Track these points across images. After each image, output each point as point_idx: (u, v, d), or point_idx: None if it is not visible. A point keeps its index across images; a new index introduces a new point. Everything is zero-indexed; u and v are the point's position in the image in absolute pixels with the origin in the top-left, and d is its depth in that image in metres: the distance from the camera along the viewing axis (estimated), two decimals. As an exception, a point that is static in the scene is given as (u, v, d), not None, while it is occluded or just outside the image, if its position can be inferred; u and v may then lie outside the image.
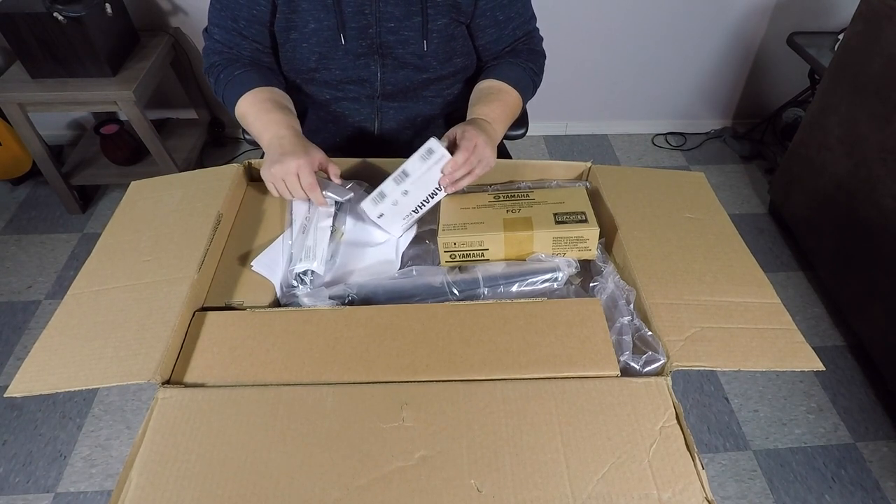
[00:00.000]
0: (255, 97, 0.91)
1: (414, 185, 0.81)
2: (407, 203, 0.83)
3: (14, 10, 1.58)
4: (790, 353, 0.67)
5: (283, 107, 0.92)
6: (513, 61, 1.01)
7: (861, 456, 1.43)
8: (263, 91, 0.93)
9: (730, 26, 2.12)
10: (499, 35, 1.00)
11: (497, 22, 0.98)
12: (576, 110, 2.39)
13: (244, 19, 0.92)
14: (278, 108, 0.90)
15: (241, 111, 0.93)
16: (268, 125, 0.88)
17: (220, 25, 0.94)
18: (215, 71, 0.96)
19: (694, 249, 0.80)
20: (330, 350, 0.68)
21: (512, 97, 0.97)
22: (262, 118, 0.89)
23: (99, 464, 1.39)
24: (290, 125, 0.88)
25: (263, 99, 0.91)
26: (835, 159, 1.63)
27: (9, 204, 2.10)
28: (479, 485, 0.56)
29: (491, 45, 1.01)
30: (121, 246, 0.81)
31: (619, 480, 0.57)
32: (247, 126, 0.94)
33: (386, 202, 0.82)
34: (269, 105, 0.90)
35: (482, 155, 0.82)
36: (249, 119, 0.92)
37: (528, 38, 1.03)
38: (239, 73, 0.93)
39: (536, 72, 1.03)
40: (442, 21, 0.93)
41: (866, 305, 1.54)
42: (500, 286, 0.78)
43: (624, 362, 0.67)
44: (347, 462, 0.58)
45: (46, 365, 0.66)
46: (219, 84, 0.95)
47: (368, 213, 0.83)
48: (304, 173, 0.79)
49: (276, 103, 0.91)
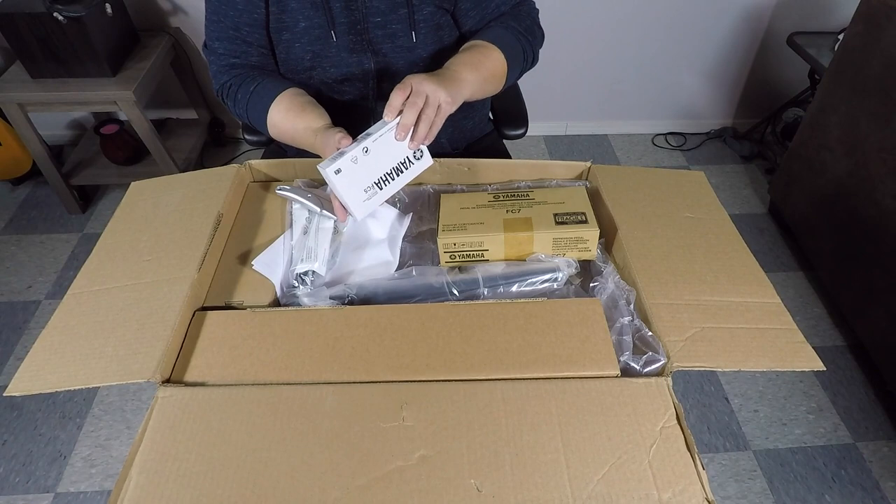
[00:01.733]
0: (279, 110, 0.90)
1: (376, 144, 0.75)
2: (370, 166, 0.76)
3: (14, 10, 1.58)
4: (791, 353, 0.67)
5: (303, 111, 0.89)
6: (497, 24, 0.95)
7: (861, 456, 1.42)
8: (283, 98, 0.91)
9: (730, 26, 2.12)
10: (482, 15, 0.96)
11: (478, 2, 0.95)
12: (576, 110, 2.39)
13: (246, 25, 0.91)
14: (300, 115, 0.88)
15: (274, 131, 0.93)
16: (301, 139, 0.88)
17: (221, 37, 0.93)
18: (231, 92, 0.94)
19: (694, 249, 0.80)
20: (330, 350, 0.68)
21: (487, 49, 0.90)
22: (297, 135, 0.89)
23: (99, 464, 1.39)
24: (311, 128, 0.86)
25: (288, 108, 0.90)
26: (835, 159, 1.63)
27: (9, 204, 2.10)
28: (478, 485, 0.56)
29: (475, 27, 0.97)
30: (121, 246, 0.81)
31: (620, 481, 0.57)
32: (287, 143, 0.94)
33: (345, 158, 0.74)
34: (292, 115, 0.89)
35: (421, 90, 0.74)
36: (287, 137, 0.92)
37: (515, 10, 0.98)
38: (255, 88, 0.92)
39: (523, 32, 0.95)
40: (427, 10, 0.92)
41: (866, 305, 1.54)
42: (499, 286, 0.78)
43: (624, 362, 0.67)
44: (347, 462, 0.58)
45: (46, 364, 0.66)
46: (238, 105, 0.94)
47: (324, 170, 0.74)
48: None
49: (297, 111, 0.89)
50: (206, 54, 0.97)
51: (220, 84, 0.96)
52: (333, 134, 0.77)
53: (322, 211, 0.83)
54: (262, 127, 0.94)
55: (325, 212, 0.83)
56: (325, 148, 0.79)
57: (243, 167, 0.93)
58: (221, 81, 0.96)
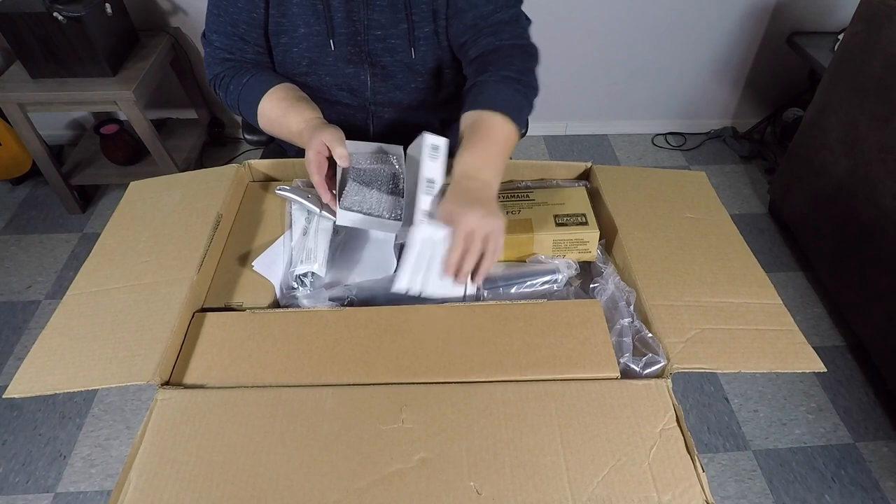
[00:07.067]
0: (270, 99, 0.90)
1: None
2: None
3: (14, 10, 1.58)
4: (791, 355, 0.67)
5: (296, 102, 0.89)
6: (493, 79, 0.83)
7: (861, 456, 1.42)
8: (277, 90, 0.91)
9: (730, 26, 2.11)
10: (460, 26, 0.89)
11: (458, 10, 0.88)
12: (576, 110, 2.39)
13: (244, 23, 0.91)
14: (293, 105, 0.89)
15: (264, 120, 0.92)
16: (289, 126, 0.87)
17: (219, 31, 0.93)
18: (223, 82, 0.94)
19: (694, 250, 0.80)
20: (329, 351, 0.68)
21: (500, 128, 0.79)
22: (285, 121, 0.88)
23: (99, 464, 1.39)
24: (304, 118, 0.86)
25: (281, 98, 0.90)
26: (835, 159, 1.63)
27: (9, 204, 2.10)
28: (478, 487, 0.56)
29: (455, 37, 0.90)
30: (120, 246, 0.81)
31: (620, 483, 0.57)
32: (275, 134, 0.94)
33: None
34: (285, 104, 0.89)
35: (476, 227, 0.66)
36: (275, 126, 0.91)
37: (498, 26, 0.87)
38: (248, 80, 0.92)
39: (520, 79, 0.84)
40: (428, 28, 0.91)
41: (866, 305, 1.54)
42: (499, 287, 0.78)
43: (624, 364, 0.67)
44: (347, 464, 0.58)
45: (45, 366, 0.66)
46: (230, 95, 0.94)
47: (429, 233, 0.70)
48: (310, 171, 0.78)
49: (290, 101, 0.89)
50: (204, 44, 0.96)
51: (213, 74, 0.96)
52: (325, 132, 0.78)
53: (321, 211, 0.83)
54: (252, 117, 0.93)
55: (324, 212, 0.83)
56: (312, 140, 0.78)
57: (242, 167, 0.93)
58: (215, 72, 0.95)
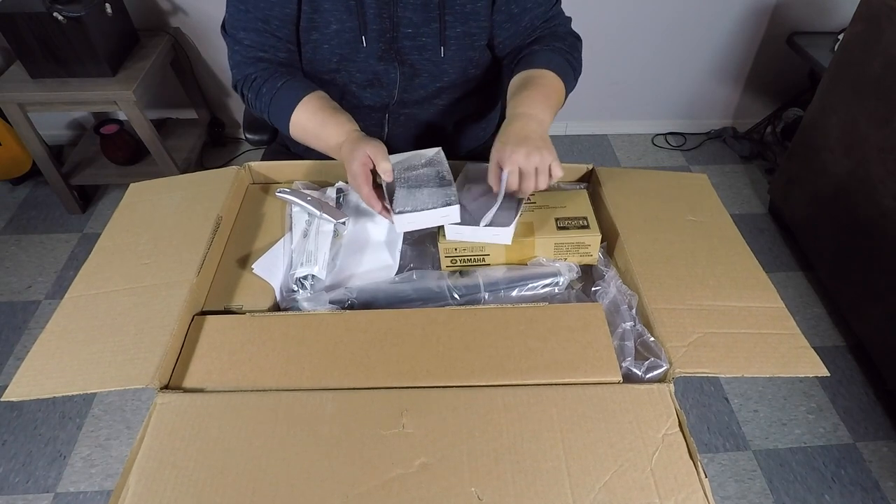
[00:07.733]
0: (306, 109, 0.88)
1: None
2: None
3: (14, 10, 1.57)
4: (794, 359, 0.66)
5: (334, 113, 0.88)
6: (545, 47, 0.93)
7: (861, 456, 1.42)
8: (311, 100, 0.89)
9: (730, 26, 2.11)
10: (515, 29, 0.94)
11: (512, 16, 0.92)
12: (576, 110, 2.38)
13: (277, 19, 0.89)
14: (331, 119, 0.87)
15: (297, 129, 0.90)
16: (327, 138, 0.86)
17: (248, 28, 0.90)
18: (254, 85, 0.91)
19: (696, 253, 0.79)
20: (330, 355, 0.68)
21: (545, 78, 0.88)
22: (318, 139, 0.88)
23: (98, 464, 1.39)
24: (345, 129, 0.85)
25: (318, 108, 0.88)
26: (835, 159, 1.63)
27: (9, 204, 2.09)
28: (479, 492, 0.56)
29: (508, 40, 0.95)
30: (119, 248, 0.81)
31: (622, 489, 0.56)
32: (306, 143, 0.91)
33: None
34: (323, 114, 0.87)
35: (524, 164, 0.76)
36: (310, 136, 0.89)
37: (550, 24, 0.96)
38: (282, 85, 0.89)
39: (568, 50, 0.94)
40: (460, 29, 0.91)
41: (866, 305, 1.54)
42: (500, 291, 0.78)
43: (626, 368, 0.67)
44: (347, 469, 0.58)
45: (44, 369, 0.65)
46: (260, 98, 0.91)
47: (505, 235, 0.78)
48: (357, 184, 0.78)
49: (328, 112, 0.88)
50: (230, 43, 0.93)
51: (242, 75, 0.93)
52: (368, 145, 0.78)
53: (322, 214, 0.82)
54: (282, 123, 0.91)
55: (324, 215, 0.83)
56: (355, 152, 0.78)
57: (243, 169, 0.93)
58: (245, 73, 0.92)
